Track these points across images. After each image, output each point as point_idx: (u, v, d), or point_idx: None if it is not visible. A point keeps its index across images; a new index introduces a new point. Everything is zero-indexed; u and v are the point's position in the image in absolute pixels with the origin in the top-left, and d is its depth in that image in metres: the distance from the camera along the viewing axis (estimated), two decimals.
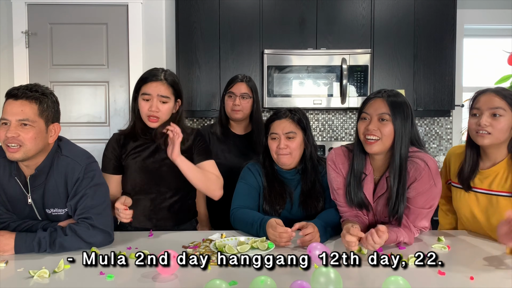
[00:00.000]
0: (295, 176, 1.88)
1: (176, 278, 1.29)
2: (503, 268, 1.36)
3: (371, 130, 1.56)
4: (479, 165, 1.66)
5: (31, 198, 1.59)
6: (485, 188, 1.63)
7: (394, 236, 1.54)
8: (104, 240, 1.57)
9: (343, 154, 1.71)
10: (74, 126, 3.19)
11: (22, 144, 1.48)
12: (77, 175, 1.57)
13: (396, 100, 1.58)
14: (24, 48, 3.14)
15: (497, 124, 1.55)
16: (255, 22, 3.50)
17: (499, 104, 1.56)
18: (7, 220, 1.60)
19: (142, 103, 1.83)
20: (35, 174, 1.57)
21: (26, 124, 1.49)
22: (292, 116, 1.85)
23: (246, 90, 2.28)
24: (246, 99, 2.28)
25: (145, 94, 1.82)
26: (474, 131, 1.60)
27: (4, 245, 1.46)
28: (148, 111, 1.81)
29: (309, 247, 1.42)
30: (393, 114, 1.55)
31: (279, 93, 3.45)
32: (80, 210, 1.56)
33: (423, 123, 3.95)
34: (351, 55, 3.45)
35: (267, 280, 1.11)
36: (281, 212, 1.85)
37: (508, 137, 1.59)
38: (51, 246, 1.49)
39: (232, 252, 1.46)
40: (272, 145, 1.85)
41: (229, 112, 2.30)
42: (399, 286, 1.09)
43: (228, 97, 2.30)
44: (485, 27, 3.97)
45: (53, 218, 1.62)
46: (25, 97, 1.49)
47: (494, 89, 1.61)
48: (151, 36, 3.17)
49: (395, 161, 1.57)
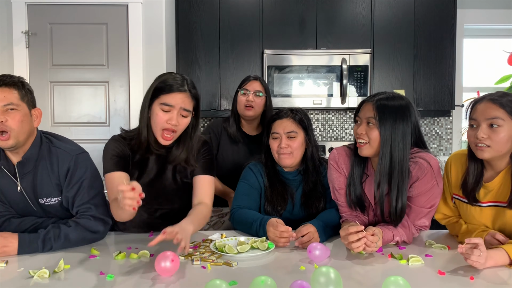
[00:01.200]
0: (297, 177, 1.88)
1: (176, 278, 1.29)
2: (503, 268, 1.36)
3: (360, 133, 1.58)
4: (483, 176, 1.53)
5: (20, 186, 1.60)
6: (489, 201, 1.53)
7: (390, 235, 1.54)
8: (105, 229, 1.64)
9: (345, 154, 1.71)
10: (74, 126, 3.19)
11: (10, 129, 1.52)
12: (68, 165, 1.60)
13: (386, 104, 1.55)
14: (24, 48, 3.14)
15: (496, 136, 1.41)
16: (255, 22, 3.50)
17: (497, 113, 1.41)
18: (6, 214, 1.62)
19: (160, 114, 1.61)
20: (22, 161, 1.59)
21: (12, 108, 1.52)
22: (293, 116, 1.85)
23: (260, 88, 2.29)
24: (259, 97, 2.28)
25: (167, 105, 1.61)
26: (473, 144, 1.47)
27: (6, 247, 1.47)
28: (167, 123, 1.61)
29: (309, 247, 1.42)
30: (380, 118, 1.54)
31: (279, 93, 3.45)
32: (78, 202, 1.60)
33: (423, 123, 3.95)
34: (351, 55, 3.45)
35: (267, 280, 1.11)
36: (283, 213, 1.85)
37: (510, 148, 1.44)
38: (56, 240, 1.51)
39: (232, 252, 1.46)
40: (273, 144, 1.85)
41: (242, 109, 2.28)
42: (399, 286, 1.09)
43: (242, 94, 2.29)
44: (485, 27, 3.96)
45: (47, 208, 1.64)
46: (3, 85, 1.53)
47: (491, 96, 1.45)
48: (151, 36, 3.17)
49: (381, 165, 1.55)
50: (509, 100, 1.43)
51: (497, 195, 1.51)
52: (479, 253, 1.29)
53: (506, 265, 1.36)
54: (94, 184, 1.65)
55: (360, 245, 1.41)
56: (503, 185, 1.49)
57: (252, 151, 2.27)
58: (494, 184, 1.51)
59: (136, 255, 1.46)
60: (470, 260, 1.30)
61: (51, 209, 1.64)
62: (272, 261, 1.44)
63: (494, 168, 1.52)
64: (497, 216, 1.52)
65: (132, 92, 3.18)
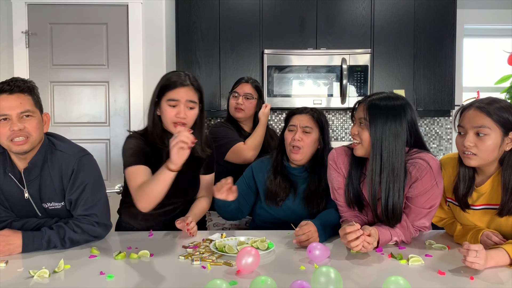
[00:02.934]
0: (303, 174, 1.92)
1: (176, 278, 1.29)
2: (503, 269, 1.36)
3: (352, 134, 1.61)
4: (475, 181, 1.54)
5: (27, 193, 1.59)
6: (481, 204, 1.54)
7: (388, 235, 1.54)
8: (106, 231, 1.66)
9: (344, 154, 1.72)
10: (74, 126, 3.19)
11: (29, 135, 1.51)
12: (72, 167, 1.59)
13: (377, 104, 1.55)
14: (24, 48, 3.14)
15: (482, 144, 1.42)
16: (255, 22, 3.50)
17: (484, 122, 1.41)
18: (7, 219, 1.59)
19: (168, 109, 1.72)
20: (29, 167, 1.57)
21: (28, 115, 1.52)
22: (312, 113, 1.91)
23: (250, 90, 2.36)
24: (249, 100, 2.34)
25: (172, 100, 1.72)
26: (461, 151, 1.49)
27: (10, 244, 1.46)
28: (176, 117, 1.71)
29: (309, 247, 1.42)
30: (370, 119, 1.53)
31: (279, 93, 3.45)
32: (82, 207, 1.59)
33: (423, 123, 3.95)
34: (351, 55, 3.45)
35: (267, 280, 1.11)
36: (281, 204, 1.88)
37: (497, 156, 1.45)
38: (62, 243, 1.52)
39: (232, 252, 1.46)
40: (288, 136, 1.90)
41: (232, 111, 2.38)
42: (399, 286, 1.09)
43: (233, 97, 2.38)
44: (485, 27, 3.97)
45: (51, 212, 1.63)
46: (19, 90, 1.51)
47: (478, 104, 1.45)
48: (151, 36, 3.17)
49: (372, 166, 1.55)
50: (496, 107, 1.42)
51: (488, 198, 1.52)
52: (474, 254, 1.29)
53: (507, 265, 1.36)
54: (98, 188, 1.63)
55: (358, 243, 1.42)
56: (494, 187, 1.50)
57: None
58: (486, 188, 1.52)
59: (136, 255, 1.46)
60: (468, 262, 1.30)
61: (54, 212, 1.63)
62: (272, 261, 1.44)
63: (484, 173, 1.52)
64: (491, 219, 1.53)
65: (132, 92, 3.18)
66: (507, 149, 1.45)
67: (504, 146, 1.44)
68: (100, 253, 1.49)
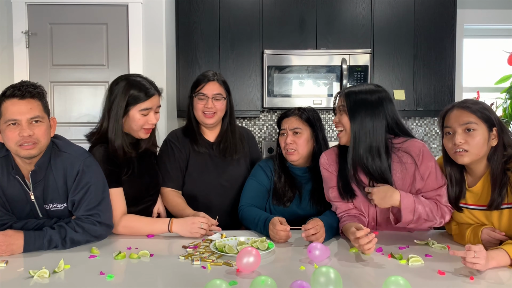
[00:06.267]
0: (306, 174, 1.94)
1: (176, 278, 1.29)
2: (503, 269, 1.36)
3: (335, 123, 1.73)
4: (465, 182, 1.60)
5: (33, 196, 1.59)
6: (476, 204, 1.57)
7: (411, 200, 1.56)
8: (108, 232, 1.65)
9: (333, 153, 1.80)
10: (74, 126, 3.19)
11: (37, 141, 1.51)
12: (77, 169, 1.60)
13: (353, 91, 1.67)
14: (24, 48, 3.14)
15: (472, 140, 1.49)
16: (255, 22, 3.50)
17: (470, 118, 1.50)
18: (7, 221, 1.59)
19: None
20: (35, 170, 1.57)
21: (38, 121, 1.52)
22: (299, 113, 1.93)
23: (219, 90, 1.99)
24: (219, 101, 1.98)
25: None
26: (451, 151, 1.54)
27: (13, 244, 1.46)
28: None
29: (309, 247, 1.42)
30: (347, 103, 1.65)
31: (279, 93, 3.45)
32: (85, 207, 1.59)
33: (423, 123, 3.95)
34: (351, 55, 3.45)
35: (267, 280, 1.11)
36: (289, 205, 1.89)
37: (486, 151, 1.51)
38: (63, 243, 1.52)
39: (232, 252, 1.46)
40: (281, 141, 1.94)
41: (201, 116, 1.99)
42: (399, 286, 1.09)
43: (198, 99, 1.98)
44: (485, 27, 3.96)
45: (52, 214, 1.63)
46: (30, 96, 1.51)
47: (460, 104, 1.55)
48: (151, 36, 3.17)
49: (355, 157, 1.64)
50: (478, 106, 1.52)
51: (481, 199, 1.56)
52: (473, 254, 1.29)
53: (508, 266, 1.36)
54: (102, 189, 1.63)
55: (371, 246, 1.44)
56: (486, 188, 1.54)
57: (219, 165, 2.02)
58: (478, 188, 1.56)
59: (136, 255, 1.46)
60: (468, 262, 1.30)
61: (55, 214, 1.63)
62: (272, 261, 1.44)
63: (474, 173, 1.58)
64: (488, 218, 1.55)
65: None
66: (493, 145, 1.52)
67: (490, 141, 1.51)
68: (100, 253, 1.49)
